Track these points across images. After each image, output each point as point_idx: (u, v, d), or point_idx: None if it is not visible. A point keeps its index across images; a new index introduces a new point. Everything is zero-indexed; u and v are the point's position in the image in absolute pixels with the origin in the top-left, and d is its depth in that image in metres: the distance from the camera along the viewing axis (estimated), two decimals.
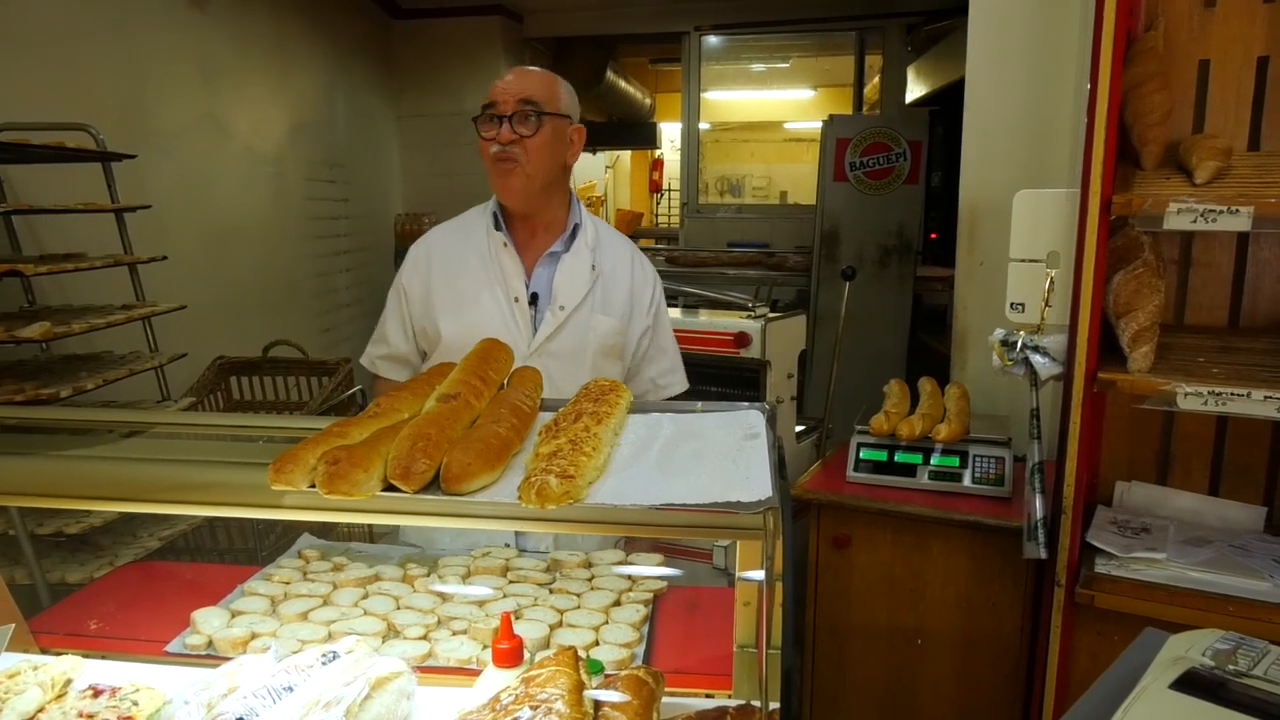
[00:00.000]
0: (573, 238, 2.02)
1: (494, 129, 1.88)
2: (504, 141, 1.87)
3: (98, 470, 1.06)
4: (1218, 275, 2.10)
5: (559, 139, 1.93)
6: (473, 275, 1.99)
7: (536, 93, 1.89)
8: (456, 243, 2.04)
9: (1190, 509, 2.09)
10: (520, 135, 1.87)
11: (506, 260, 1.98)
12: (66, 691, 1.16)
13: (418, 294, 2.02)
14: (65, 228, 3.11)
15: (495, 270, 1.98)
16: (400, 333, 2.05)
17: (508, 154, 1.88)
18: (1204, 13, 2.03)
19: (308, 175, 4.94)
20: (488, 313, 1.96)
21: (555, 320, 1.97)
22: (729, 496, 0.88)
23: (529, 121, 1.87)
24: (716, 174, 10.35)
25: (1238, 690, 0.86)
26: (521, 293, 1.97)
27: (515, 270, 1.98)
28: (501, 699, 1.00)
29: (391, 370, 2.08)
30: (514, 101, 1.87)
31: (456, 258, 2.01)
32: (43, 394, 2.32)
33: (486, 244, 2.00)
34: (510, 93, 1.88)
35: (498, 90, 1.90)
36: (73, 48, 3.31)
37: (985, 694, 2.22)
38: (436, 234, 2.09)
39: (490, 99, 1.90)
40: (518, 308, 1.97)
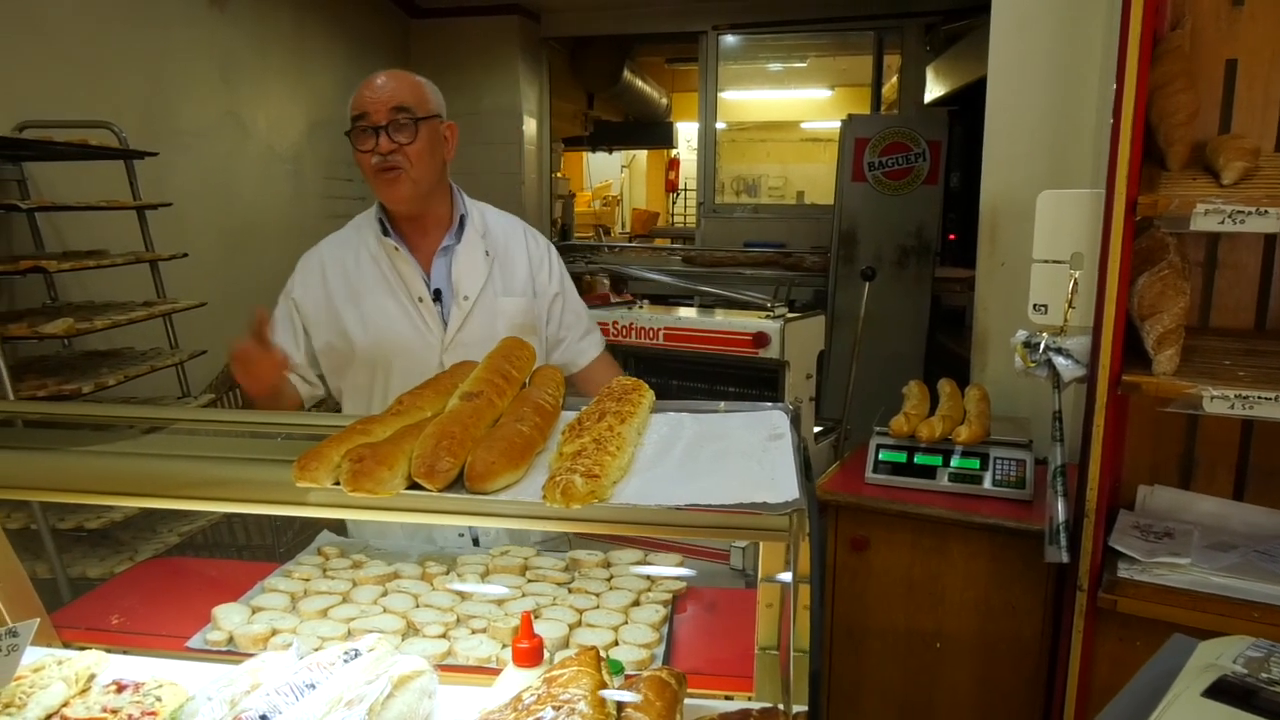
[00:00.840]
0: (461, 228, 2.03)
1: (370, 141, 1.86)
2: (384, 152, 1.86)
3: (123, 466, 1.06)
4: (1244, 277, 2.08)
5: (436, 140, 1.94)
6: (371, 284, 1.98)
7: (407, 98, 1.88)
8: (348, 254, 2.01)
9: (1215, 514, 2.06)
10: (399, 144, 1.86)
11: (401, 263, 1.97)
12: (90, 686, 1.17)
13: (314, 308, 1.98)
14: (87, 225, 3.14)
15: (393, 275, 1.98)
16: (290, 342, 1.98)
17: (390, 163, 1.87)
18: (1231, 12, 2.01)
19: (326, 174, 4.96)
20: (395, 317, 1.96)
21: (462, 312, 1.98)
22: (755, 497, 0.87)
23: (405, 129, 1.87)
24: (732, 174, 10.34)
25: (1271, 698, 0.85)
26: (424, 292, 1.97)
27: (412, 271, 1.98)
28: (523, 699, 1.00)
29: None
30: (386, 111, 1.86)
31: (352, 269, 1.99)
32: (65, 390, 2.34)
33: (379, 250, 1.99)
34: (380, 102, 1.86)
35: (366, 101, 1.87)
36: (95, 46, 3.34)
37: (1004, 699, 2.21)
38: (325, 247, 2.06)
39: (360, 110, 1.87)
40: (423, 307, 1.97)
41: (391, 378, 1.98)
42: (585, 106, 8.12)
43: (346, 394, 2.03)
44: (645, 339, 2.79)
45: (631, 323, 2.81)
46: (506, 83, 5.86)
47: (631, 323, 2.81)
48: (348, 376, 2.01)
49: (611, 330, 2.84)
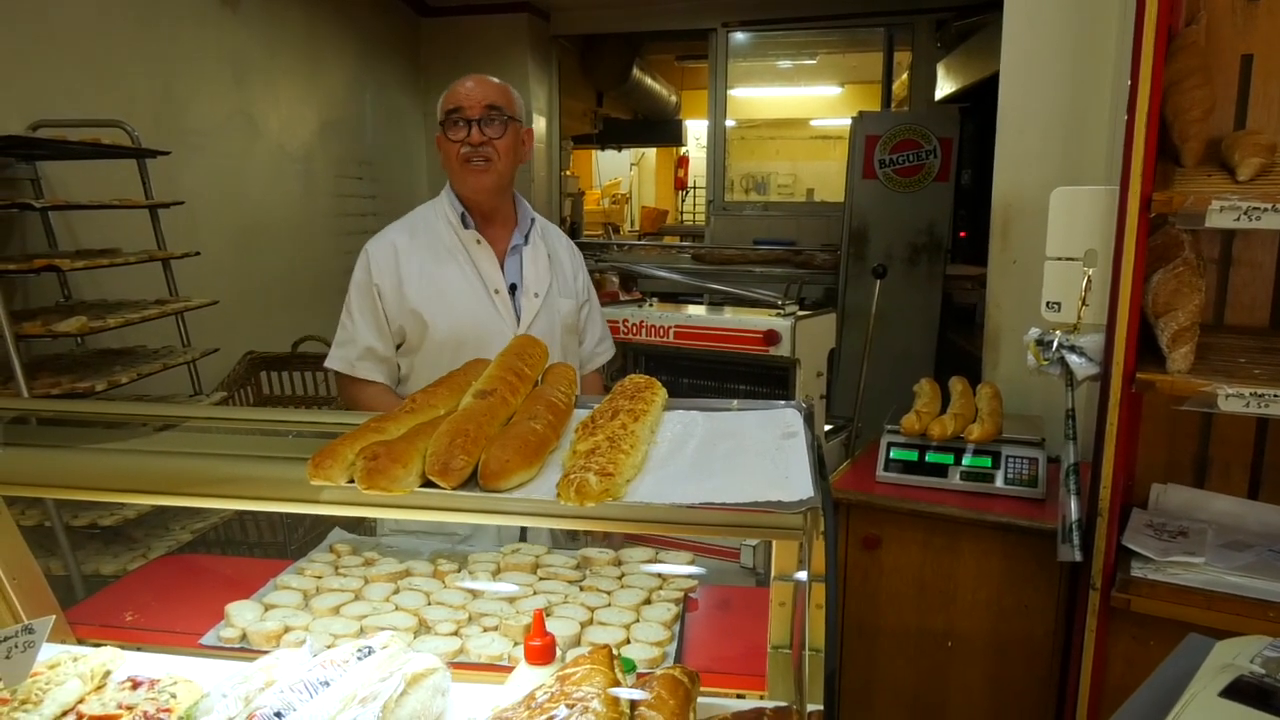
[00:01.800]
0: (529, 230, 2.16)
1: (462, 132, 1.99)
2: (475, 143, 1.99)
3: (138, 464, 1.06)
4: (1260, 274, 2.06)
5: (518, 141, 2.07)
6: (448, 271, 2.07)
7: (499, 99, 2.02)
8: (421, 241, 2.10)
9: (1229, 512, 2.05)
10: (489, 137, 2.00)
11: (482, 255, 2.08)
12: (106, 683, 1.17)
13: (392, 291, 2.05)
14: (99, 223, 3.15)
15: (469, 265, 2.08)
16: (375, 332, 2.07)
17: (481, 153, 2.00)
18: (1247, 7, 1.99)
19: (337, 173, 4.97)
20: (473, 306, 2.06)
21: (533, 307, 2.10)
22: (769, 496, 0.87)
23: (495, 124, 2.00)
24: (742, 171, 10.33)
25: None
26: (501, 285, 2.08)
27: (492, 264, 2.09)
28: (537, 696, 1.00)
29: (372, 370, 2.09)
30: (480, 107, 1.99)
31: (427, 255, 2.07)
32: (78, 388, 2.35)
33: (454, 241, 2.09)
34: (475, 98, 2.00)
35: (462, 96, 2.00)
36: (106, 46, 3.35)
37: (1017, 699, 2.20)
38: (395, 233, 2.13)
39: (455, 105, 2.00)
40: (499, 299, 2.08)
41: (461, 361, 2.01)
42: (594, 104, 8.11)
43: (415, 375, 2.10)
44: (656, 337, 2.79)
45: (642, 321, 2.81)
46: (516, 81, 5.79)
47: (642, 321, 2.81)
48: (421, 356, 2.08)
49: (622, 328, 2.84)
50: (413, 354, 2.09)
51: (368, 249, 2.11)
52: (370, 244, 2.12)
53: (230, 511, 2.81)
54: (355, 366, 2.08)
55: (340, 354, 2.10)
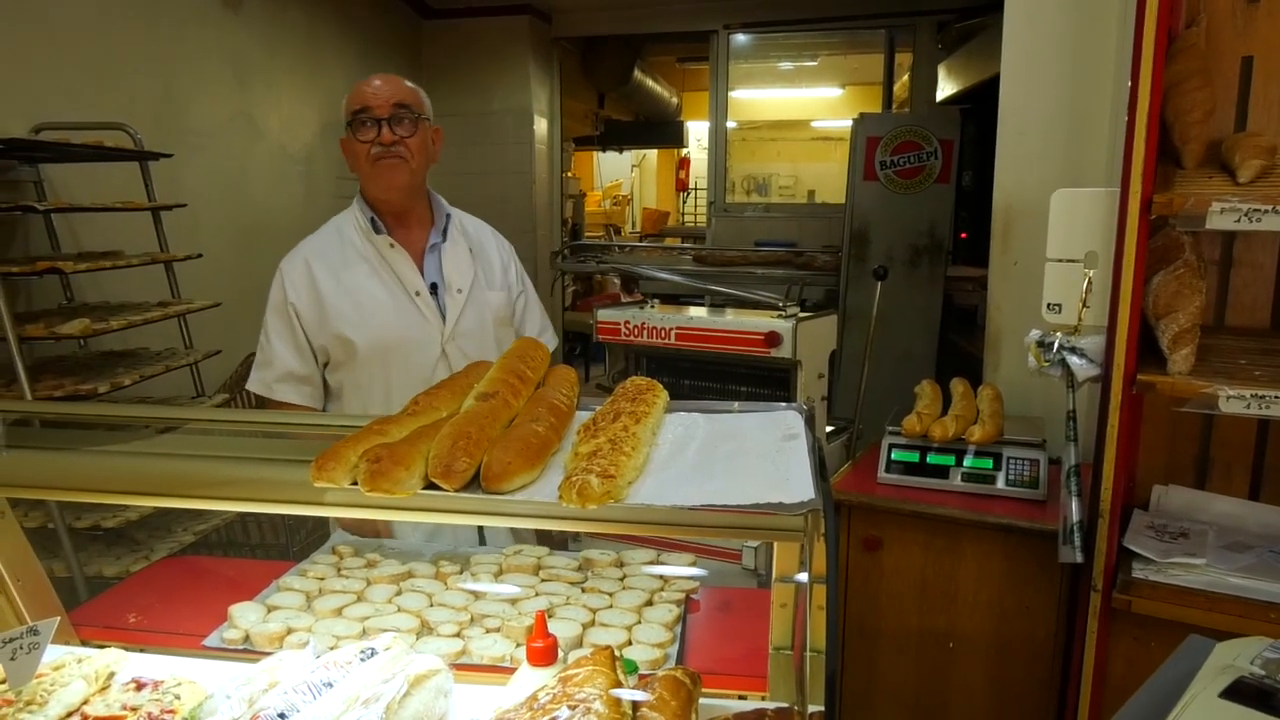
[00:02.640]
0: (445, 227, 2.13)
1: (371, 132, 1.97)
2: (386, 142, 1.97)
3: (143, 466, 1.07)
4: (1260, 276, 2.06)
5: (427, 140, 2.06)
6: (364, 280, 2.03)
7: (407, 97, 2.00)
8: (333, 253, 2.06)
9: (1230, 514, 2.05)
10: (400, 136, 1.98)
11: (397, 259, 2.05)
12: (110, 684, 1.18)
13: (309, 309, 2.02)
14: (100, 225, 3.16)
15: (387, 271, 2.05)
16: (293, 353, 2.03)
17: (392, 152, 1.98)
18: (1247, 9, 1.99)
19: (338, 174, 4.98)
20: (394, 312, 2.02)
21: (458, 305, 2.07)
22: (770, 497, 0.88)
23: (405, 123, 1.99)
24: (743, 173, 10.33)
25: None
26: (421, 286, 2.05)
27: (408, 266, 2.06)
28: (539, 698, 1.00)
29: (291, 392, 2.04)
30: (389, 105, 1.97)
31: (340, 268, 2.04)
32: (82, 390, 2.36)
33: (369, 248, 2.05)
34: (383, 97, 1.98)
35: (369, 96, 1.98)
36: (108, 47, 3.36)
37: (1018, 700, 2.20)
38: (307, 248, 2.10)
39: (362, 104, 1.98)
40: (421, 300, 2.05)
41: (392, 371, 2.03)
42: (596, 106, 8.12)
43: (348, 389, 2.07)
44: (657, 338, 2.79)
45: (644, 322, 2.81)
46: (518, 83, 5.87)
47: (644, 322, 2.81)
48: (349, 372, 2.04)
49: (623, 330, 2.84)
50: (341, 369, 2.05)
51: (281, 267, 2.07)
52: (284, 262, 2.08)
53: (232, 513, 2.82)
54: (273, 389, 2.04)
55: (258, 376, 2.06)
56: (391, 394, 2.00)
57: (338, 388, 2.08)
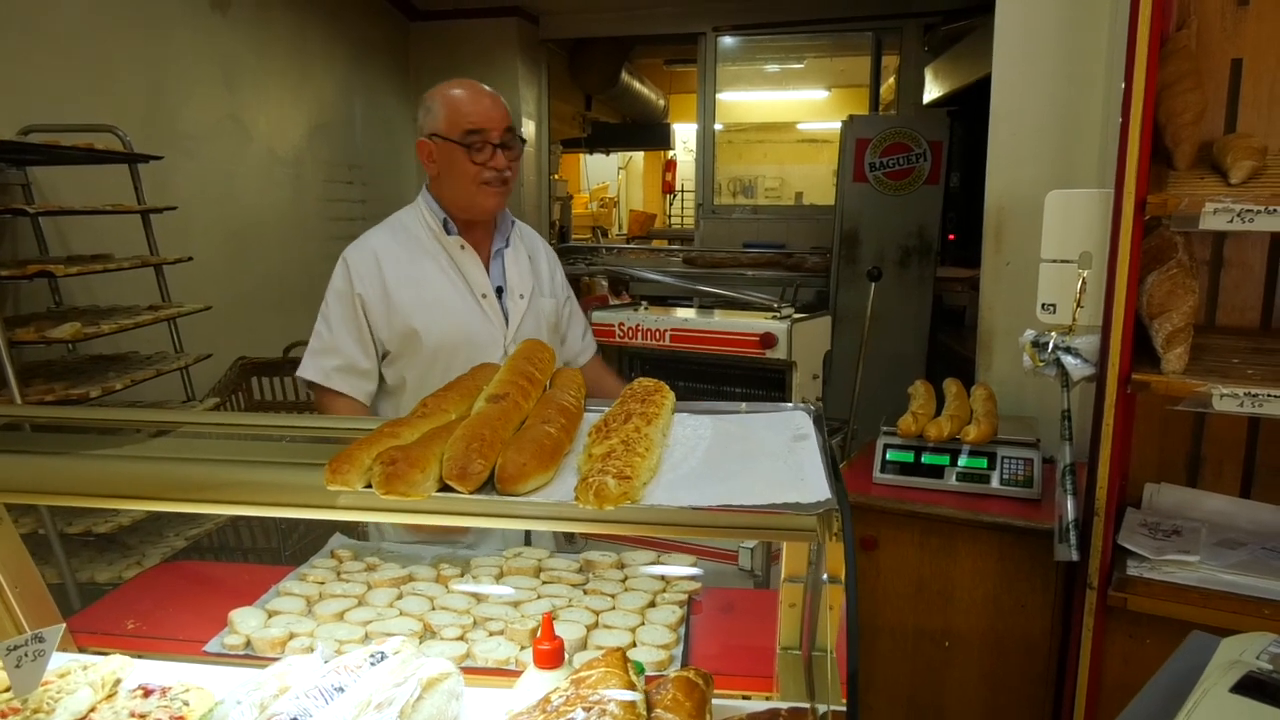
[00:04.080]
0: (509, 233, 2.16)
1: (485, 154, 1.97)
2: (500, 167, 1.99)
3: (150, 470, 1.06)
4: (1251, 276, 2.09)
5: None
6: (432, 277, 2.04)
7: (510, 118, 2.03)
8: (402, 247, 2.06)
9: (1222, 511, 2.07)
10: (510, 160, 2.01)
11: (467, 260, 2.07)
12: (116, 691, 1.16)
13: (377, 301, 2.01)
14: (88, 228, 3.13)
15: (455, 271, 2.06)
16: (356, 343, 2.02)
17: (503, 178, 2.00)
18: (1237, 11, 2.02)
19: (326, 176, 4.96)
20: (462, 312, 2.04)
21: (519, 310, 2.10)
22: (786, 497, 0.88)
23: (515, 147, 2.01)
24: (729, 175, 10.35)
25: None
26: (489, 289, 2.07)
27: (478, 268, 2.08)
28: (552, 700, 1.00)
29: (346, 383, 2.03)
30: (502, 129, 1.99)
31: (409, 262, 2.04)
32: (73, 394, 2.34)
33: (436, 247, 2.07)
34: (495, 120, 1.98)
35: (482, 117, 1.97)
36: (96, 49, 3.34)
37: (1014, 697, 2.21)
38: (375, 240, 2.09)
39: (477, 125, 1.97)
40: (487, 303, 2.07)
41: (454, 370, 1.99)
42: (583, 108, 8.12)
43: (410, 384, 2.06)
44: (651, 340, 2.80)
45: (638, 324, 2.82)
46: (505, 85, 5.86)
47: (638, 324, 2.82)
48: (411, 368, 2.05)
49: (618, 332, 2.84)
50: (401, 363, 2.05)
51: (347, 257, 2.06)
52: (349, 252, 2.07)
53: (225, 518, 2.80)
54: (331, 377, 2.02)
55: (315, 364, 2.03)
56: None
57: (396, 383, 2.07)
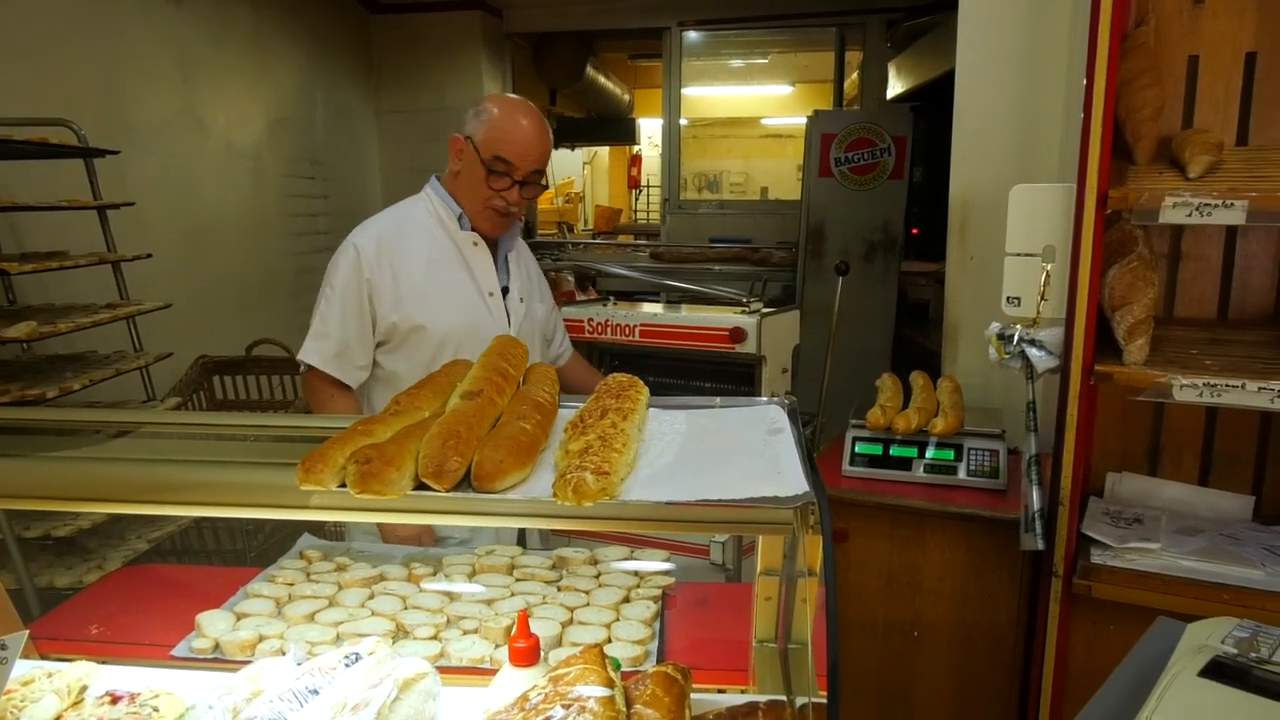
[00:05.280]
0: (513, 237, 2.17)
1: (504, 183, 1.97)
2: (513, 201, 1.99)
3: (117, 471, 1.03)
4: (1207, 269, 2.13)
5: None
6: (438, 269, 2.02)
7: (544, 159, 2.02)
8: (408, 237, 2.04)
9: (1181, 499, 2.12)
10: (526, 198, 2.02)
11: (479, 257, 2.06)
12: (83, 698, 1.14)
13: (386, 288, 1.99)
14: (42, 225, 3.05)
15: (464, 266, 2.05)
16: (357, 330, 2.01)
17: (510, 211, 2.01)
18: (1194, 9, 2.06)
19: (287, 172, 4.88)
20: (469, 307, 2.03)
21: (519, 312, 2.11)
22: (764, 491, 0.88)
23: (535, 188, 2.02)
24: (694, 169, 10.36)
25: (1264, 677, 0.88)
26: (496, 287, 2.07)
27: (488, 266, 2.07)
28: (530, 698, 1.00)
29: (339, 369, 2.02)
30: (529, 170, 1.98)
31: (413, 251, 2.02)
32: (29, 395, 2.28)
33: (447, 240, 2.05)
34: (529, 159, 1.97)
35: (518, 152, 1.96)
36: (49, 42, 3.25)
37: (982, 685, 2.24)
38: (382, 228, 2.06)
39: (509, 156, 1.95)
40: (493, 301, 2.06)
41: None
42: (548, 103, 8.07)
43: (407, 375, 2.02)
44: (621, 336, 2.79)
45: (607, 320, 2.81)
46: (469, 79, 5.80)
47: (607, 320, 2.81)
48: (414, 357, 2.03)
49: (586, 327, 2.83)
50: (401, 352, 2.03)
51: (356, 243, 2.02)
52: (357, 238, 2.03)
53: (187, 520, 2.75)
54: (329, 363, 2.01)
55: (316, 347, 2.02)
56: None
57: (390, 371, 2.05)
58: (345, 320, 2.00)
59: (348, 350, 2.01)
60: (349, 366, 2.03)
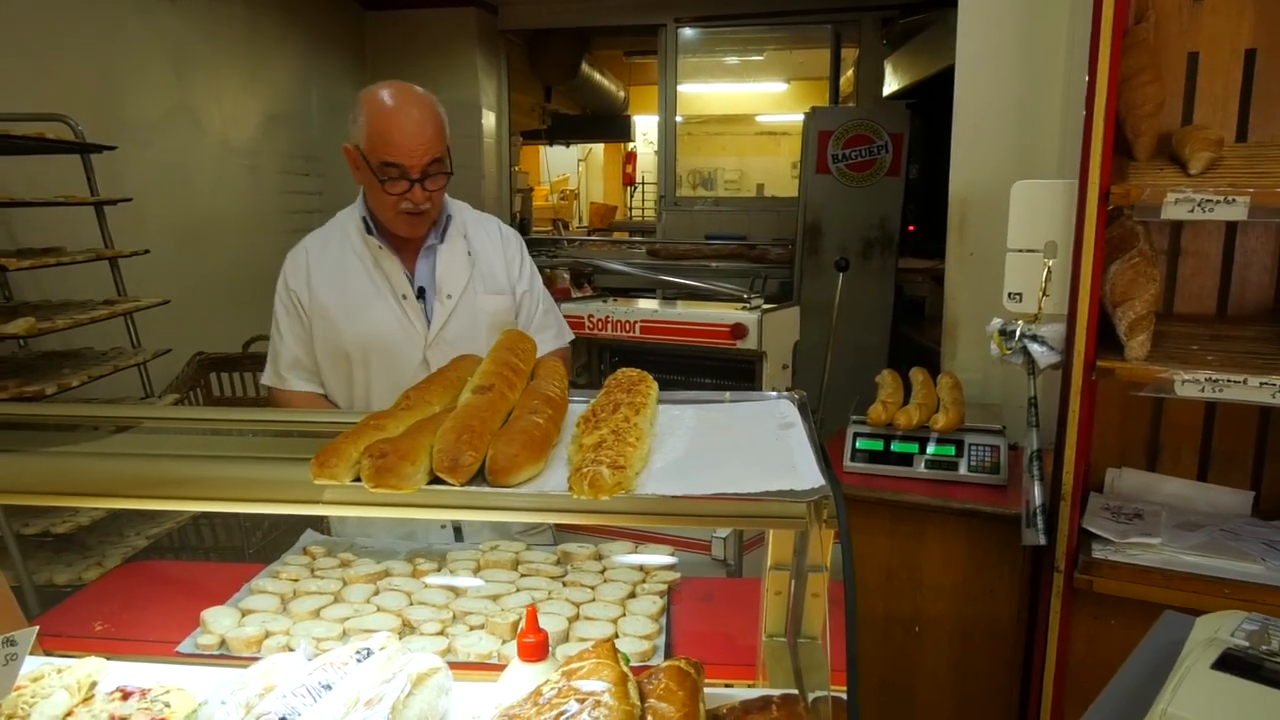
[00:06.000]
0: (445, 228, 2.04)
1: (402, 186, 1.85)
2: (418, 201, 1.87)
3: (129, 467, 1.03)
4: (1207, 265, 2.14)
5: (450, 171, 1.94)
6: (356, 280, 2.00)
7: (439, 148, 1.87)
8: (333, 250, 2.03)
9: (1180, 494, 2.13)
10: (430, 191, 1.88)
11: (385, 261, 1.99)
12: (93, 694, 1.13)
13: (308, 300, 2.00)
14: (36, 221, 3.03)
15: (377, 273, 2.00)
16: (299, 341, 2.02)
17: (420, 209, 1.89)
18: (1193, 7, 2.06)
19: (282, 168, 4.87)
20: (381, 314, 1.98)
21: (445, 310, 2.01)
22: (780, 485, 0.88)
23: (438, 178, 1.88)
24: (689, 167, 10.37)
25: (1276, 669, 0.89)
26: (408, 290, 1.99)
27: (396, 270, 2.00)
28: (544, 692, 1.00)
29: (302, 381, 2.03)
30: (423, 164, 1.84)
31: (336, 265, 2.01)
32: (27, 391, 2.27)
33: (363, 248, 2.01)
34: (416, 153, 1.83)
35: (401, 149, 1.82)
36: (45, 37, 3.23)
37: (982, 680, 2.25)
38: (310, 242, 2.07)
39: (393, 159, 1.83)
40: (407, 304, 1.99)
41: (372, 372, 2.00)
42: (543, 100, 8.06)
43: (330, 385, 2.04)
44: (621, 332, 2.79)
45: (607, 316, 2.81)
46: (464, 76, 5.79)
47: (607, 316, 2.81)
48: (331, 368, 2.02)
49: (587, 324, 2.83)
50: (325, 366, 2.02)
51: (287, 258, 2.04)
52: (290, 253, 2.05)
53: (187, 516, 2.74)
54: (285, 379, 2.02)
55: (270, 369, 2.05)
56: (371, 395, 1.99)
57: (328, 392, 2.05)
58: (288, 335, 2.01)
59: (299, 361, 2.02)
60: (306, 375, 2.03)
